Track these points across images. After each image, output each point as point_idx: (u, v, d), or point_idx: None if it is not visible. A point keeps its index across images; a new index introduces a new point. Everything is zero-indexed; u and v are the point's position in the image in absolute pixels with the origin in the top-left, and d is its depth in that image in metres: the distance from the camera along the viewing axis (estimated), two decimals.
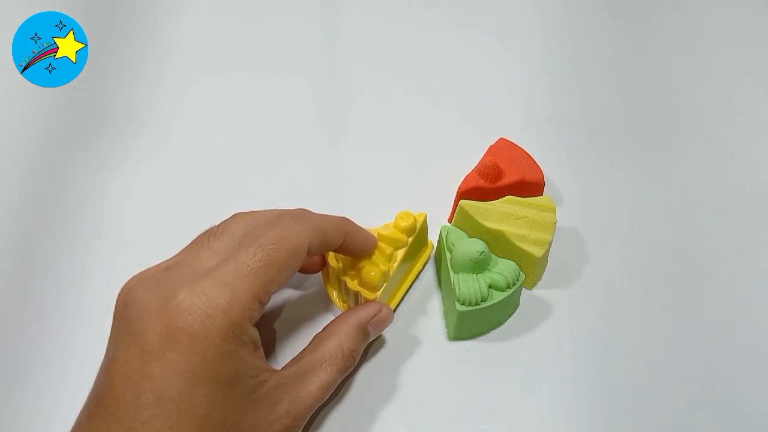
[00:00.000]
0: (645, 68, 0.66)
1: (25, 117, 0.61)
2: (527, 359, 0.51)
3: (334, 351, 0.46)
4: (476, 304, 0.49)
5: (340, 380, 0.47)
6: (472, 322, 0.51)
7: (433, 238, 0.55)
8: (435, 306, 0.54)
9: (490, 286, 0.50)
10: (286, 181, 0.59)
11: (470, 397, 0.49)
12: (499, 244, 0.51)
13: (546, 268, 0.54)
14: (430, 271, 0.55)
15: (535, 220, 0.52)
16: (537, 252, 0.50)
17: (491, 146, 0.57)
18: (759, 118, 0.63)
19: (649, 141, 0.61)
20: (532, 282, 0.53)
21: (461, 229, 0.53)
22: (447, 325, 0.52)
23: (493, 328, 0.52)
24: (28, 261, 0.55)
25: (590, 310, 0.53)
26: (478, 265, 0.50)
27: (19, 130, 0.57)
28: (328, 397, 0.46)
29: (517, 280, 0.50)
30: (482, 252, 0.50)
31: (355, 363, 0.48)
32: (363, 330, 0.48)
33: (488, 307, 0.49)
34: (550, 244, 0.51)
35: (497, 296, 0.49)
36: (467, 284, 0.49)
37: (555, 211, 0.52)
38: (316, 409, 0.46)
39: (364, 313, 0.49)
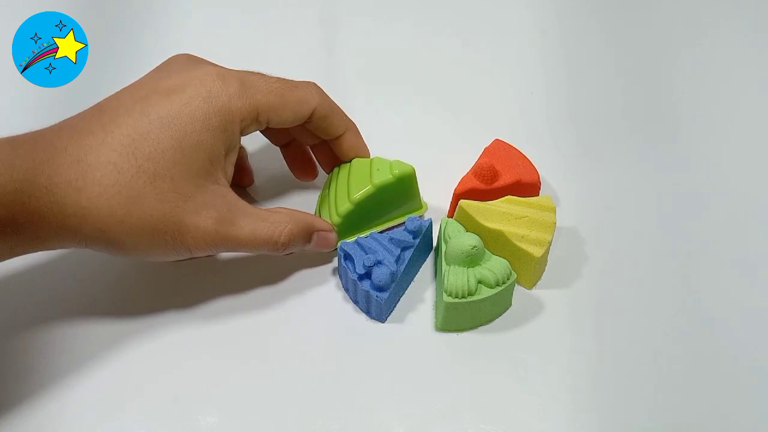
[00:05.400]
0: (639, 68, 0.67)
1: (25, 117, 0.61)
2: (527, 359, 0.51)
3: (280, 221, 0.50)
4: (463, 297, 0.49)
5: (263, 252, 0.50)
6: (458, 315, 0.51)
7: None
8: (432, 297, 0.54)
9: (479, 282, 0.50)
10: (285, 180, 0.60)
11: (470, 396, 0.50)
12: (498, 243, 0.52)
13: (545, 268, 0.54)
14: (430, 262, 0.56)
15: (534, 220, 0.52)
16: (536, 252, 0.51)
17: (487, 147, 0.57)
18: (754, 117, 0.63)
19: (644, 140, 0.62)
20: (531, 281, 0.53)
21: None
22: (435, 315, 0.53)
23: (481, 324, 0.52)
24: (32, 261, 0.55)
25: (589, 310, 0.53)
26: (470, 259, 0.50)
27: (19, 130, 0.56)
28: (245, 251, 0.50)
29: (508, 279, 0.50)
30: (474, 246, 0.50)
31: (283, 251, 0.50)
32: (309, 232, 0.52)
33: (475, 302, 0.49)
34: (549, 243, 0.52)
35: (485, 292, 0.49)
36: (456, 276, 0.49)
37: (555, 211, 0.52)
38: (230, 250, 0.49)
39: (320, 223, 0.53)
